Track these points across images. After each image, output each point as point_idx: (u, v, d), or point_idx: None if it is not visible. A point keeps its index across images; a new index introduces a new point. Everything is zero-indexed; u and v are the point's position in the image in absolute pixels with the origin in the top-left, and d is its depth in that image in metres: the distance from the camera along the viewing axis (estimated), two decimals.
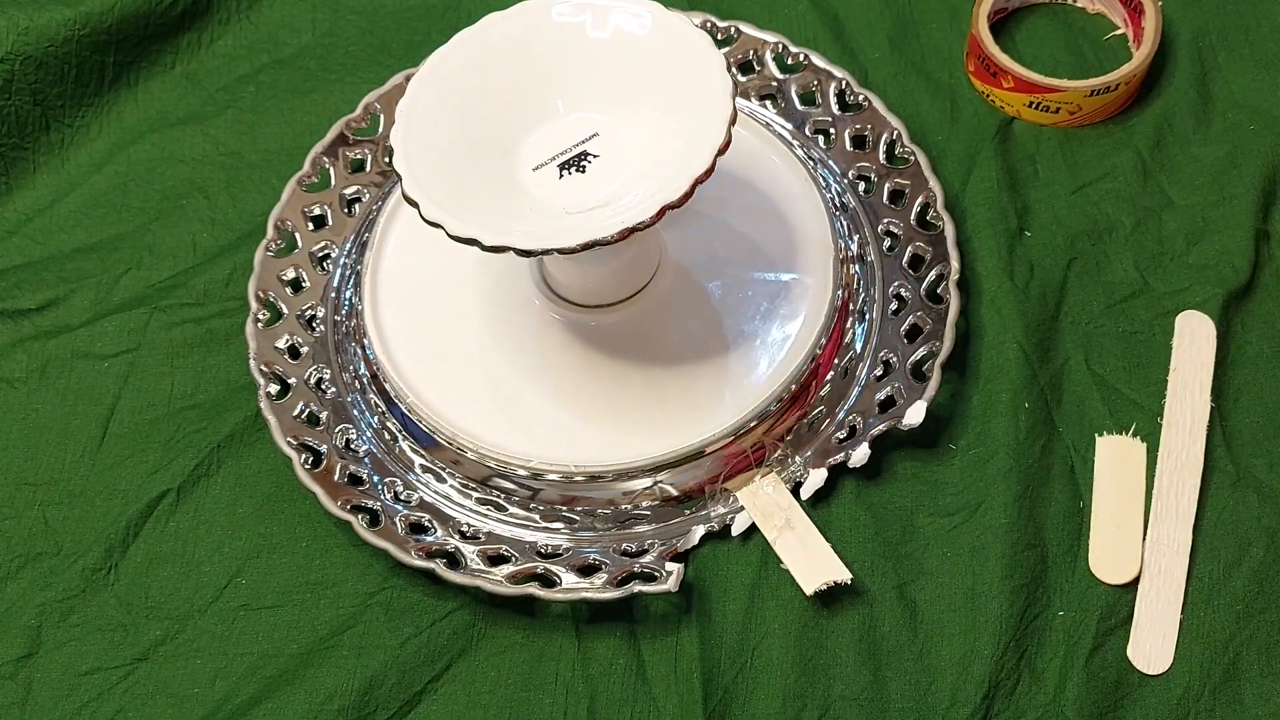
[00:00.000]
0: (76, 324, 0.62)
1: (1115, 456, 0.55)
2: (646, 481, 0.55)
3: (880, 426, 0.55)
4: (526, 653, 0.53)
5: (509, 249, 0.47)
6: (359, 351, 0.59)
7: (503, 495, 0.56)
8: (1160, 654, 0.52)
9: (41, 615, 0.55)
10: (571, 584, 0.53)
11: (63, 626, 0.55)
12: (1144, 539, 0.54)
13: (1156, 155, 0.63)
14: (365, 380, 0.59)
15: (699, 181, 0.48)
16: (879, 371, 0.57)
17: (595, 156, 0.52)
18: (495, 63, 0.53)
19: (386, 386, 0.58)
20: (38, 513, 0.57)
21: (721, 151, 0.48)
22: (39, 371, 0.60)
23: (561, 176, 0.51)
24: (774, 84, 0.65)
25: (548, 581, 0.53)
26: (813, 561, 0.53)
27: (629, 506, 0.55)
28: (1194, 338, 0.58)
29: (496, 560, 0.55)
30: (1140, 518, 0.54)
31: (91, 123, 0.68)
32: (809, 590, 0.52)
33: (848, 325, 0.58)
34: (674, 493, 0.55)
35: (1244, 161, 0.62)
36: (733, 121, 0.49)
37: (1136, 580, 0.53)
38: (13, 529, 0.57)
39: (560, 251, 0.48)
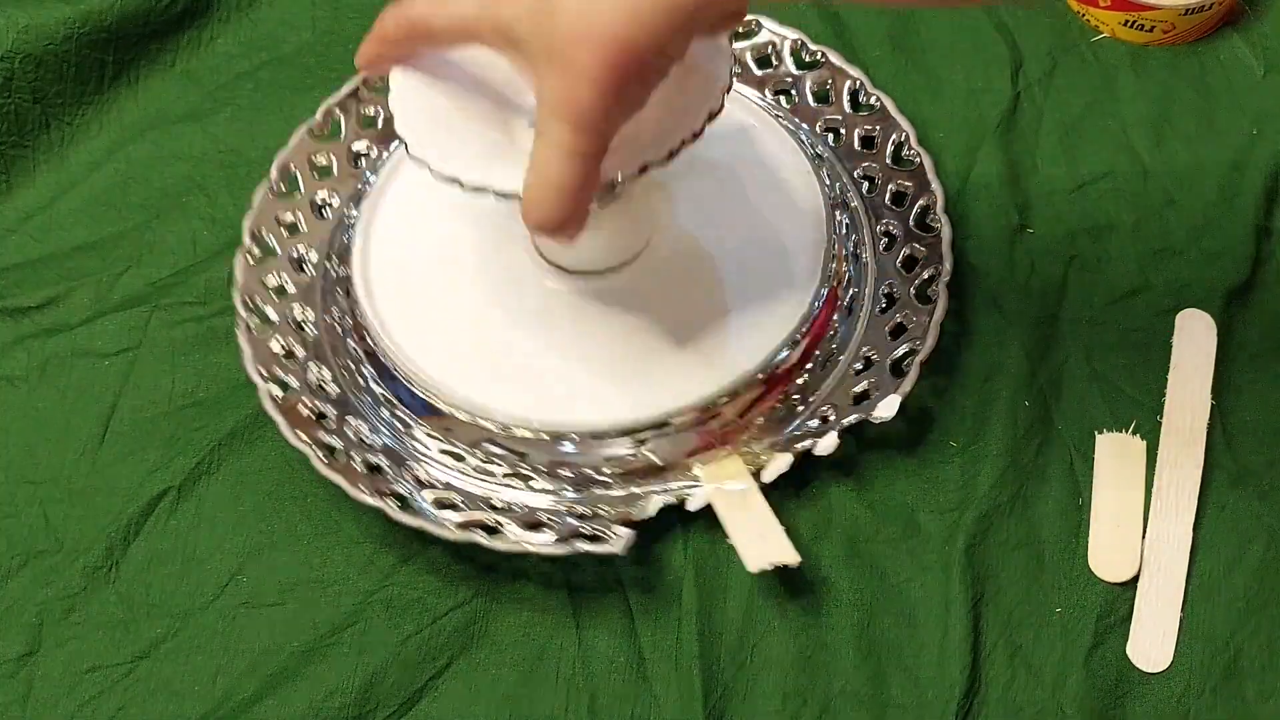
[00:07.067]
0: (77, 322, 0.62)
1: (1115, 454, 0.55)
2: (619, 448, 0.55)
3: (851, 418, 0.55)
4: (527, 649, 0.53)
5: (488, 189, 0.48)
6: (344, 294, 0.59)
7: (464, 446, 0.56)
8: (1160, 652, 0.52)
9: (42, 613, 0.55)
10: (517, 535, 0.53)
11: (64, 624, 0.55)
12: (1144, 537, 0.54)
13: (1157, 153, 0.63)
14: (346, 325, 0.59)
15: (686, 144, 0.48)
16: (859, 365, 0.57)
17: None
18: None
19: (365, 332, 0.58)
20: (38, 510, 0.57)
21: (713, 116, 0.49)
22: (39, 370, 0.60)
23: None
24: (789, 79, 0.65)
25: (494, 533, 0.53)
26: (761, 540, 0.53)
27: (591, 471, 0.55)
28: (1194, 335, 0.58)
29: (447, 507, 0.55)
30: (1140, 515, 0.54)
31: (91, 121, 0.68)
32: (752, 568, 0.52)
33: (834, 319, 0.58)
34: (658, 461, 0.55)
35: (1245, 160, 0.62)
36: (727, 90, 0.49)
37: (1136, 578, 0.53)
38: (13, 527, 0.57)
39: None
